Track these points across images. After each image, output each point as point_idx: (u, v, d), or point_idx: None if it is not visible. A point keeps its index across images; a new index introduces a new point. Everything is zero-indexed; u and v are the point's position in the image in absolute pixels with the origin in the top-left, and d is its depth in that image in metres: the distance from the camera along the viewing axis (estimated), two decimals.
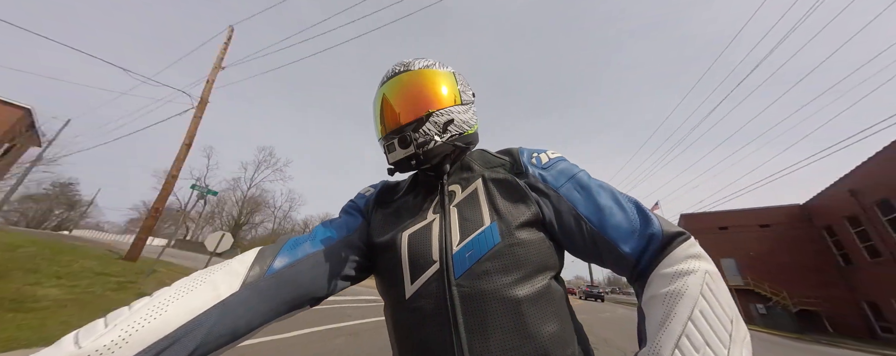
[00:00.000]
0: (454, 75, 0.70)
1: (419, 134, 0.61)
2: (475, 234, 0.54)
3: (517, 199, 0.59)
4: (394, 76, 0.66)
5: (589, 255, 0.57)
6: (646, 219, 0.52)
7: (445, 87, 0.66)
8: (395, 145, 0.61)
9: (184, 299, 0.43)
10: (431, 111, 0.62)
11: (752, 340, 0.43)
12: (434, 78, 0.66)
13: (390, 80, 0.66)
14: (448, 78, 0.67)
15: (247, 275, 0.49)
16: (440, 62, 0.71)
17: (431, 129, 0.61)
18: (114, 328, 0.37)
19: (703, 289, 0.44)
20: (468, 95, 0.71)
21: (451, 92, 0.66)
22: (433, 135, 0.61)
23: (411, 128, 0.61)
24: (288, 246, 0.57)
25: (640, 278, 0.51)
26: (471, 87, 0.74)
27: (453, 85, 0.68)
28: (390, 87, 0.66)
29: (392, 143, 0.61)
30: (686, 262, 0.47)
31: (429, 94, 0.64)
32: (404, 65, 0.68)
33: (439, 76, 0.66)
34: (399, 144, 0.60)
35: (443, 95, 0.65)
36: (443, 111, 0.63)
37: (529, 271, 0.52)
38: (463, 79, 0.72)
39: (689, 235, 0.50)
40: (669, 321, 0.42)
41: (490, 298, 0.49)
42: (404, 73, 0.66)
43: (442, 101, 0.64)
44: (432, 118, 0.62)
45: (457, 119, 0.64)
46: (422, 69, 0.66)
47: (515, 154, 0.68)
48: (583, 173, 0.62)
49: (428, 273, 0.53)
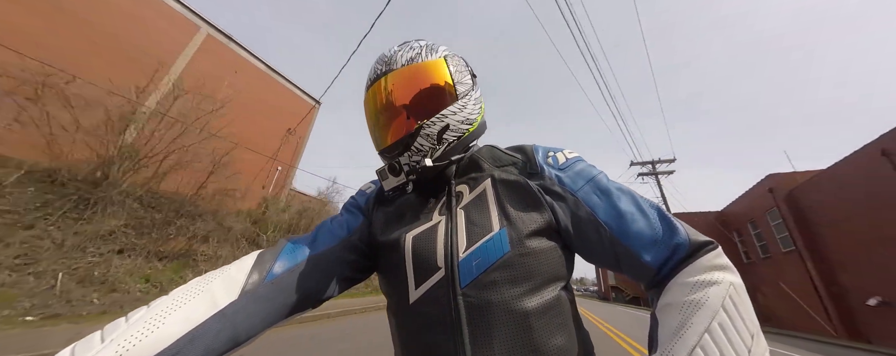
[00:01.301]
0: (445, 61, 0.63)
1: (412, 152, 0.58)
2: (483, 241, 0.51)
3: (529, 204, 0.56)
4: (376, 80, 0.61)
5: (606, 262, 0.53)
6: (670, 228, 0.49)
7: (435, 85, 0.59)
8: (386, 172, 0.59)
9: (181, 310, 0.41)
10: (421, 123, 0.57)
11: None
12: (421, 76, 0.60)
13: (372, 87, 0.62)
14: (438, 69, 0.61)
15: (246, 282, 0.48)
16: (428, 46, 0.64)
17: (425, 144, 0.58)
18: (110, 343, 0.36)
19: (725, 301, 0.41)
20: (465, 83, 0.64)
21: (443, 88, 0.60)
22: (426, 151, 0.58)
23: (399, 149, 0.58)
24: (287, 249, 0.56)
25: (658, 285, 0.48)
26: (469, 67, 0.67)
27: (445, 77, 0.61)
28: (373, 97, 0.61)
29: (383, 169, 0.60)
30: (710, 273, 0.44)
31: (416, 101, 0.58)
32: (386, 61, 0.61)
33: (427, 72, 0.60)
34: (390, 172, 0.58)
35: (433, 98, 0.59)
36: (435, 119, 0.58)
37: (539, 283, 0.49)
38: (458, 61, 0.66)
39: (717, 245, 0.47)
40: (685, 330, 0.40)
41: (497, 310, 0.47)
42: (387, 74, 0.60)
43: (433, 107, 0.58)
44: (424, 130, 0.57)
45: (452, 123, 0.59)
46: (405, 67, 0.60)
47: (530, 152, 0.63)
48: (602, 175, 0.58)
49: (433, 279, 0.51)
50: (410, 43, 0.65)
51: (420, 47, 0.63)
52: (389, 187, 0.60)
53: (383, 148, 0.61)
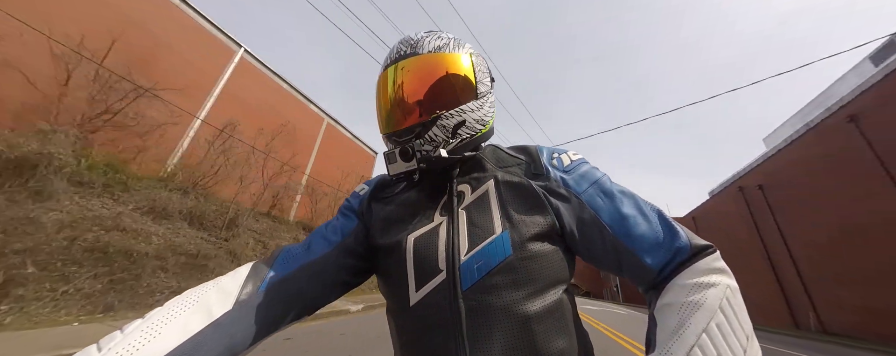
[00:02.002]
0: (471, 58, 0.62)
1: (424, 140, 0.56)
2: (485, 244, 0.50)
3: (532, 206, 0.55)
4: (398, 61, 0.59)
5: (607, 265, 0.53)
6: (671, 231, 0.49)
7: (459, 80, 0.58)
8: (396, 156, 0.55)
9: (177, 321, 0.41)
10: (440, 113, 0.55)
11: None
12: (447, 67, 0.58)
13: (394, 66, 0.59)
14: (464, 64, 0.60)
15: (240, 292, 0.48)
16: (455, 40, 0.62)
17: (439, 135, 0.56)
18: (108, 352, 0.36)
19: (722, 303, 0.42)
20: (486, 84, 0.63)
21: (466, 84, 0.59)
22: (440, 142, 0.56)
23: (415, 133, 0.56)
24: (281, 258, 0.55)
25: (657, 287, 0.49)
26: (489, 72, 0.66)
27: (469, 74, 0.60)
28: (393, 76, 0.59)
29: (393, 152, 0.55)
30: (708, 276, 0.45)
31: (438, 90, 0.57)
32: (412, 44, 0.60)
33: (453, 64, 0.59)
34: (400, 156, 0.55)
35: (455, 91, 0.58)
36: (454, 112, 0.56)
37: (541, 286, 0.49)
38: (481, 61, 0.64)
39: (715, 249, 0.48)
40: (683, 330, 0.41)
41: (498, 314, 0.46)
42: (410, 58, 0.58)
43: (454, 99, 0.57)
44: (440, 121, 0.56)
45: (469, 120, 0.58)
46: (432, 54, 0.58)
47: (534, 153, 0.63)
48: (605, 178, 0.58)
49: (434, 282, 0.50)
50: (438, 32, 0.63)
51: (448, 38, 0.62)
52: (396, 172, 0.56)
53: (394, 131, 0.59)
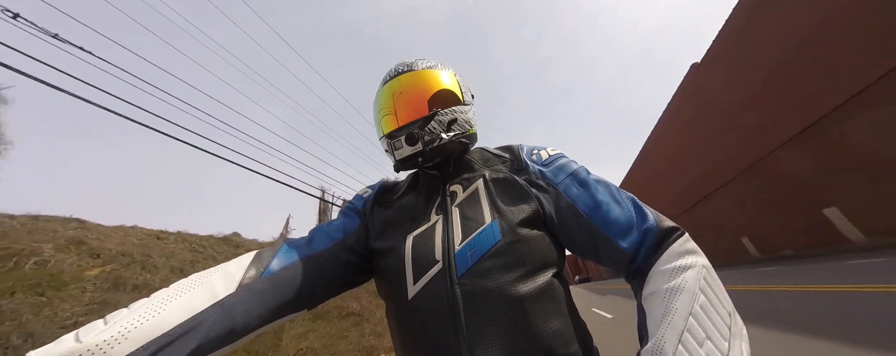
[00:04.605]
0: (455, 76, 0.71)
1: (425, 131, 0.62)
2: (476, 233, 0.54)
3: (517, 197, 0.60)
4: (397, 75, 0.67)
5: (587, 252, 0.56)
6: (641, 215, 0.52)
7: (449, 87, 0.67)
8: (402, 142, 0.61)
9: (181, 299, 0.43)
10: (437, 110, 0.63)
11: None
12: (438, 78, 0.67)
13: (394, 79, 0.67)
14: (450, 78, 0.69)
15: (243, 276, 0.49)
16: (441, 63, 0.72)
17: (437, 127, 0.63)
18: (113, 325, 0.38)
19: (701, 284, 0.45)
20: (468, 96, 0.72)
21: (454, 92, 0.67)
22: (439, 132, 0.63)
23: (417, 126, 0.62)
24: (284, 249, 0.57)
25: (638, 275, 0.51)
26: (470, 89, 0.75)
27: (456, 85, 0.69)
28: (395, 86, 0.66)
29: (398, 140, 0.62)
30: (683, 258, 0.47)
31: (433, 94, 0.65)
32: (407, 65, 0.69)
33: (444, 78, 0.68)
34: (406, 141, 0.61)
35: (447, 95, 0.66)
36: (447, 110, 0.64)
37: (531, 268, 0.52)
38: (463, 80, 0.73)
39: (683, 230, 0.51)
40: (671, 316, 0.42)
41: (492, 296, 0.48)
42: (408, 72, 0.67)
43: (446, 101, 0.65)
44: (437, 117, 0.63)
45: (460, 118, 0.66)
46: (425, 69, 0.67)
47: (516, 150, 0.70)
48: (582, 169, 0.63)
49: (431, 273, 0.52)
50: (425, 58, 0.72)
51: (435, 62, 0.72)
52: (402, 156, 0.63)
53: (398, 127, 0.64)
